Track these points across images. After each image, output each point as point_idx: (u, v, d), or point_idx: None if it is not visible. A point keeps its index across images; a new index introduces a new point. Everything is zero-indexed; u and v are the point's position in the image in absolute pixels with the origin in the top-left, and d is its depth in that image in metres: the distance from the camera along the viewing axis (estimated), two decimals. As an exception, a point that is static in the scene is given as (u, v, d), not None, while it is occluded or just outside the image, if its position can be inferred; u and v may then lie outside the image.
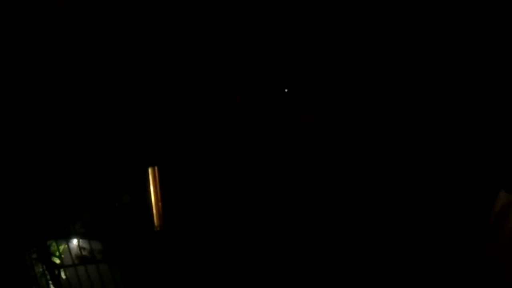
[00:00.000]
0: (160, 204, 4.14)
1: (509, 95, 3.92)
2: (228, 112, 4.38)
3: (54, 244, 4.49)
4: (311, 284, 3.96)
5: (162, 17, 4.37)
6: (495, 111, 3.93)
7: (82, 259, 4.43)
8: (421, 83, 4.19)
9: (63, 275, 4.50)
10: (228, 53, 4.38)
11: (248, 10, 4.36)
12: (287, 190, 4.18)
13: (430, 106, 4.12)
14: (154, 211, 4.14)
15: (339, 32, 4.33)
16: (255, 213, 4.15)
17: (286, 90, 4.40)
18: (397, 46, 4.24)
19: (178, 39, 4.36)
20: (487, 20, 4.02)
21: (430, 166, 4.01)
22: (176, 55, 4.38)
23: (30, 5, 4.32)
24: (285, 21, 4.39)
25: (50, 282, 4.45)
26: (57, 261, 4.50)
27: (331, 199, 4.13)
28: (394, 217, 3.96)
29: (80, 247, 4.48)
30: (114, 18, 4.26)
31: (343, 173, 4.18)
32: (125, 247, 4.32)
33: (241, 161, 4.28)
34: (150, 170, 4.18)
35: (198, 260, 4.08)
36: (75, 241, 4.52)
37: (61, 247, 4.54)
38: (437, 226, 3.84)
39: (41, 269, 4.44)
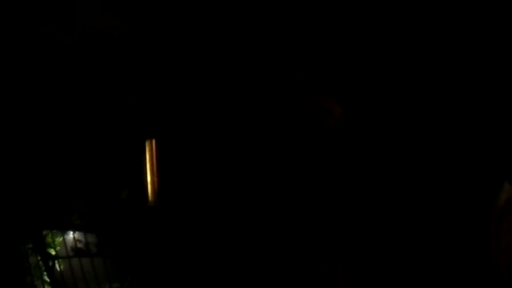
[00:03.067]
0: (156, 179, 3.88)
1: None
2: (232, 86, 4.13)
3: (50, 235, 4.46)
4: (305, 268, 3.72)
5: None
6: (498, 103, 3.75)
7: (77, 252, 4.36)
8: (427, 72, 3.92)
9: (57, 267, 4.45)
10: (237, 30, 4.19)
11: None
12: (289, 172, 3.86)
13: (434, 96, 3.85)
14: (150, 186, 3.89)
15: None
16: (255, 193, 3.83)
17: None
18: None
19: (179, 17, 4.22)
20: (487, 20, 3.84)
21: (432, 158, 3.77)
22: (176, 32, 4.23)
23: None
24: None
25: (45, 273, 4.36)
26: (53, 252, 4.44)
27: (329, 186, 3.79)
28: (393, 205, 3.72)
29: (75, 240, 4.41)
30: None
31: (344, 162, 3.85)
32: (120, 236, 4.08)
33: (247, 137, 3.98)
34: (147, 143, 3.95)
35: (193, 239, 3.76)
36: (71, 234, 4.48)
37: (57, 239, 4.51)
38: (439, 219, 3.66)
39: (36, 260, 4.35)
